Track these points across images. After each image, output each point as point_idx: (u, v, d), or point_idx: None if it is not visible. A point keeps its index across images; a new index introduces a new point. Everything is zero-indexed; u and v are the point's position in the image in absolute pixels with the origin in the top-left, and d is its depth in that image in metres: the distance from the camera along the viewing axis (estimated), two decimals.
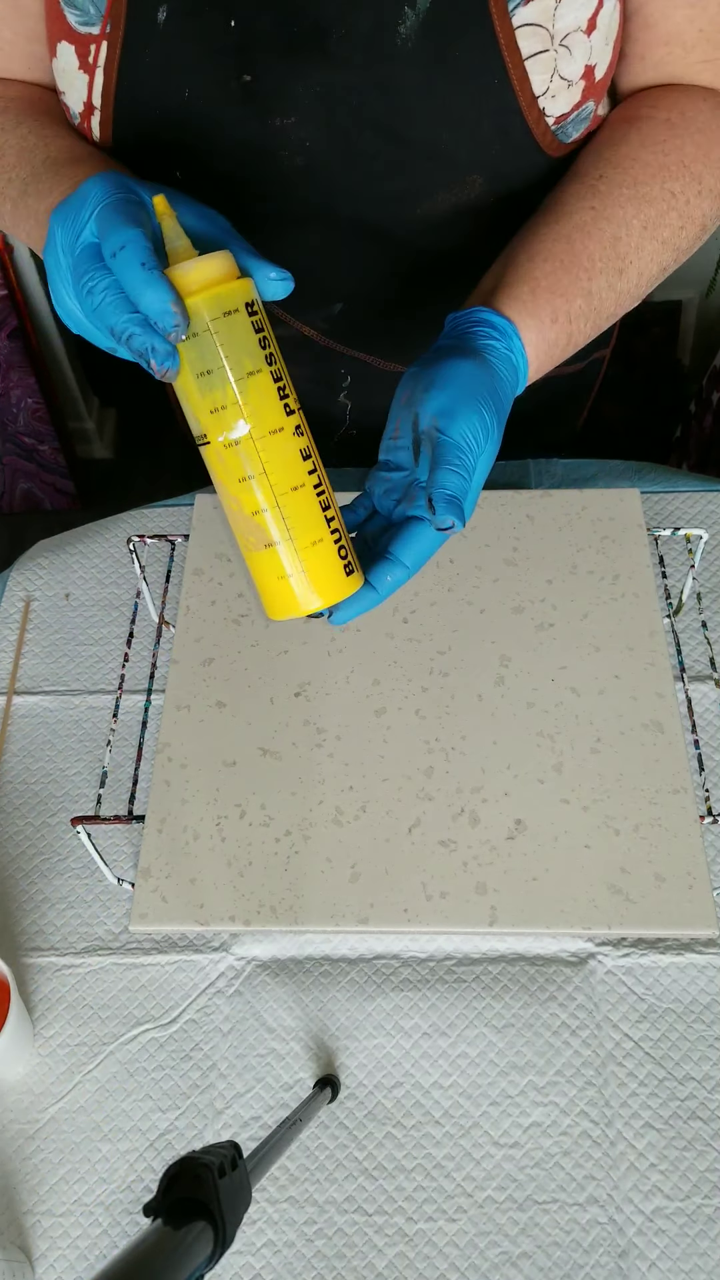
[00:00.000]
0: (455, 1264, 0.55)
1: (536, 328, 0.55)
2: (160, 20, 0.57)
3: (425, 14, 0.56)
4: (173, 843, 0.60)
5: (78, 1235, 0.57)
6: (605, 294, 0.59)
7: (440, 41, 0.56)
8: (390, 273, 0.70)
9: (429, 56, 0.57)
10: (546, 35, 0.57)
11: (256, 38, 0.57)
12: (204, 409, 0.45)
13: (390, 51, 0.57)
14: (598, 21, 0.58)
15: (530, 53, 0.57)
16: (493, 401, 0.51)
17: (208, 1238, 0.35)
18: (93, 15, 0.59)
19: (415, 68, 0.57)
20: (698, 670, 0.75)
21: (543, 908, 0.56)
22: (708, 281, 1.53)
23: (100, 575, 0.84)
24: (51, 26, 0.61)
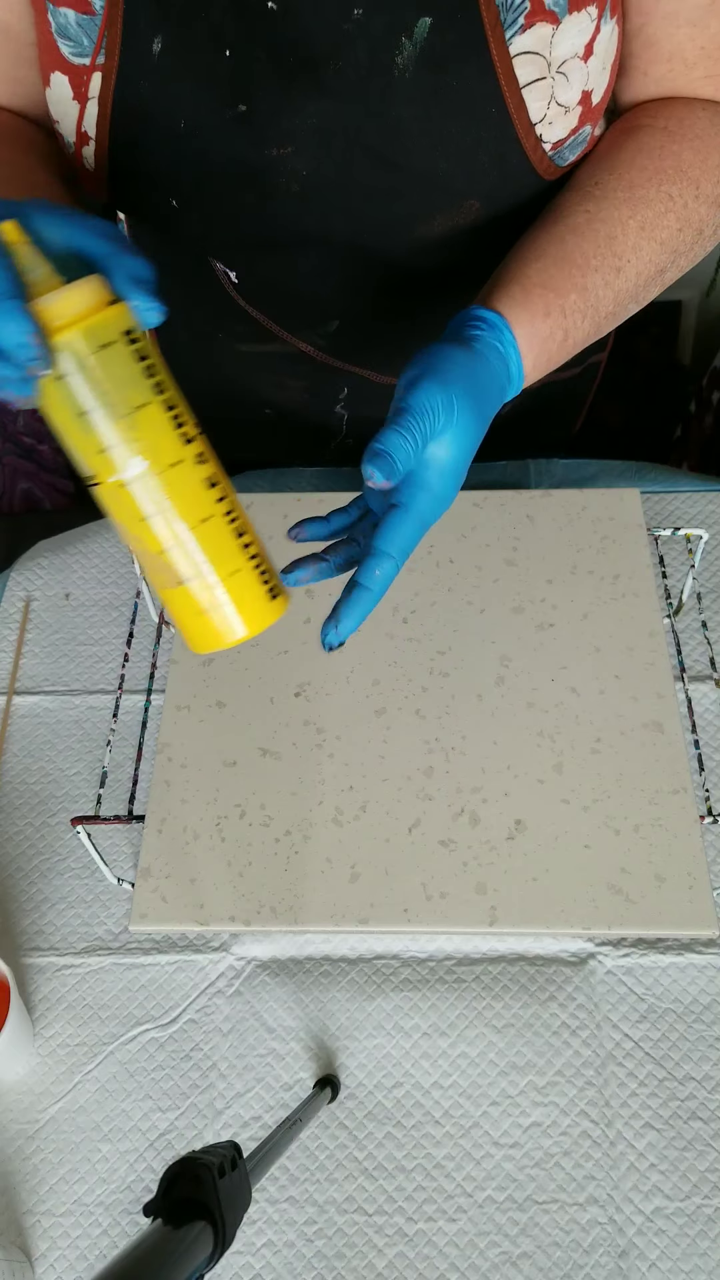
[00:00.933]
0: (455, 1264, 0.55)
1: (528, 321, 0.55)
2: (155, 51, 0.57)
3: (422, 44, 0.55)
4: (173, 843, 0.60)
5: (78, 1235, 0.57)
6: (602, 291, 0.58)
7: (437, 71, 0.56)
8: (386, 291, 0.70)
9: (426, 86, 0.57)
10: (544, 63, 0.57)
11: (252, 68, 0.57)
12: (89, 450, 0.42)
13: (387, 82, 0.57)
14: (594, 48, 0.58)
15: (527, 81, 0.57)
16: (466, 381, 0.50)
17: (208, 1238, 0.35)
18: (86, 46, 0.58)
19: (412, 98, 0.57)
20: (698, 670, 0.75)
21: (543, 908, 0.56)
22: (707, 282, 1.53)
23: (100, 575, 0.84)
24: (44, 56, 0.61)
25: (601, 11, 0.57)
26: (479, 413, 0.51)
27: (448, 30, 0.55)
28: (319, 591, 0.69)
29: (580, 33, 0.57)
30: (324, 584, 0.69)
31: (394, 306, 0.71)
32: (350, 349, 0.74)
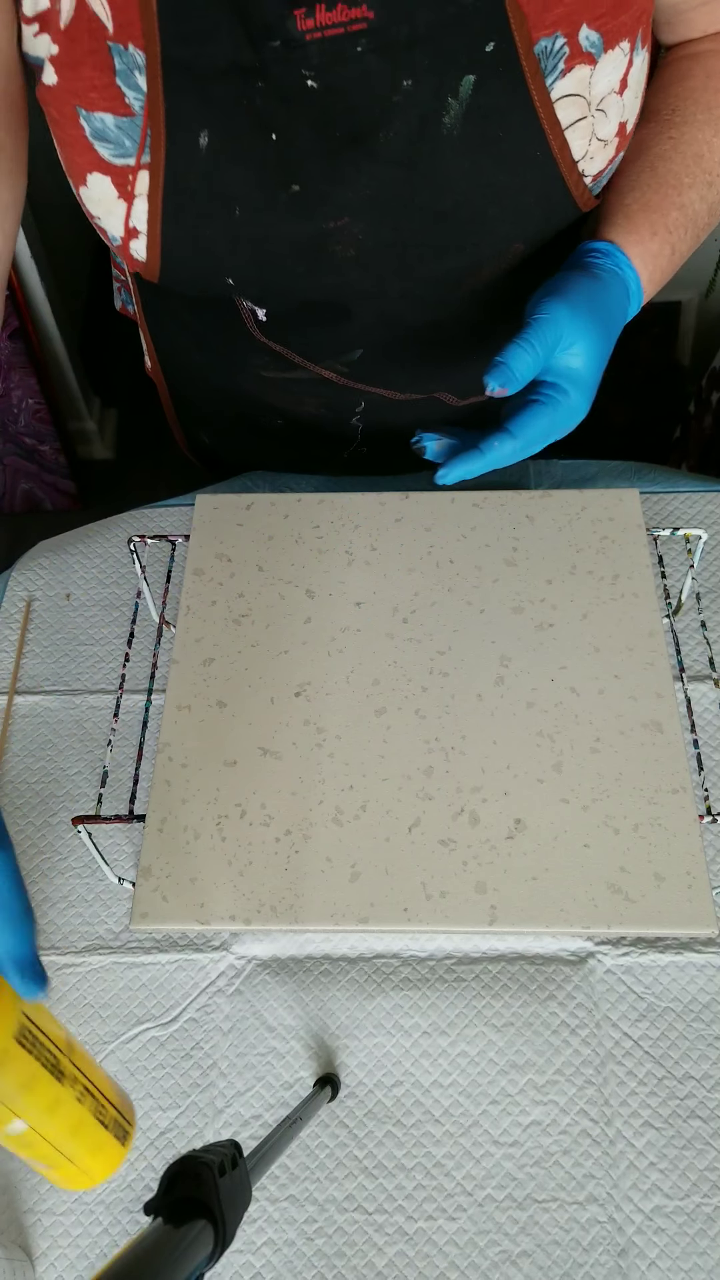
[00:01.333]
0: (455, 1262, 0.55)
1: (638, 242, 0.60)
2: (202, 145, 0.57)
3: (468, 101, 0.56)
4: (173, 842, 0.60)
5: (78, 1234, 0.57)
6: (699, 205, 0.63)
7: (484, 125, 0.57)
8: (418, 325, 0.70)
9: (474, 141, 0.57)
10: (584, 103, 0.58)
11: (299, 148, 0.57)
12: None
13: (436, 142, 0.57)
14: (629, 80, 0.59)
15: (569, 122, 0.58)
16: (588, 299, 0.56)
17: (208, 1236, 0.36)
18: (129, 147, 0.58)
19: (460, 153, 0.57)
20: (697, 670, 0.75)
21: (542, 907, 0.56)
22: (707, 282, 1.53)
23: (101, 575, 0.84)
24: (79, 159, 0.60)
25: (633, 44, 0.58)
26: (603, 327, 0.57)
27: (491, 85, 0.55)
28: (319, 592, 0.69)
29: (616, 68, 0.58)
30: (324, 584, 0.70)
31: (422, 337, 0.71)
32: (373, 374, 0.74)
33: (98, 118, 0.57)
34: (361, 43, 0.53)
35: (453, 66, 0.55)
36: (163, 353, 0.84)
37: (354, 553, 0.71)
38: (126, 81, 0.55)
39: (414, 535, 0.72)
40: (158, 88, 0.55)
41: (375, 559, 0.71)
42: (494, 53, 0.54)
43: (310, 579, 0.70)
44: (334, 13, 0.52)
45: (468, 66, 0.55)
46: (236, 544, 0.73)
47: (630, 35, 0.57)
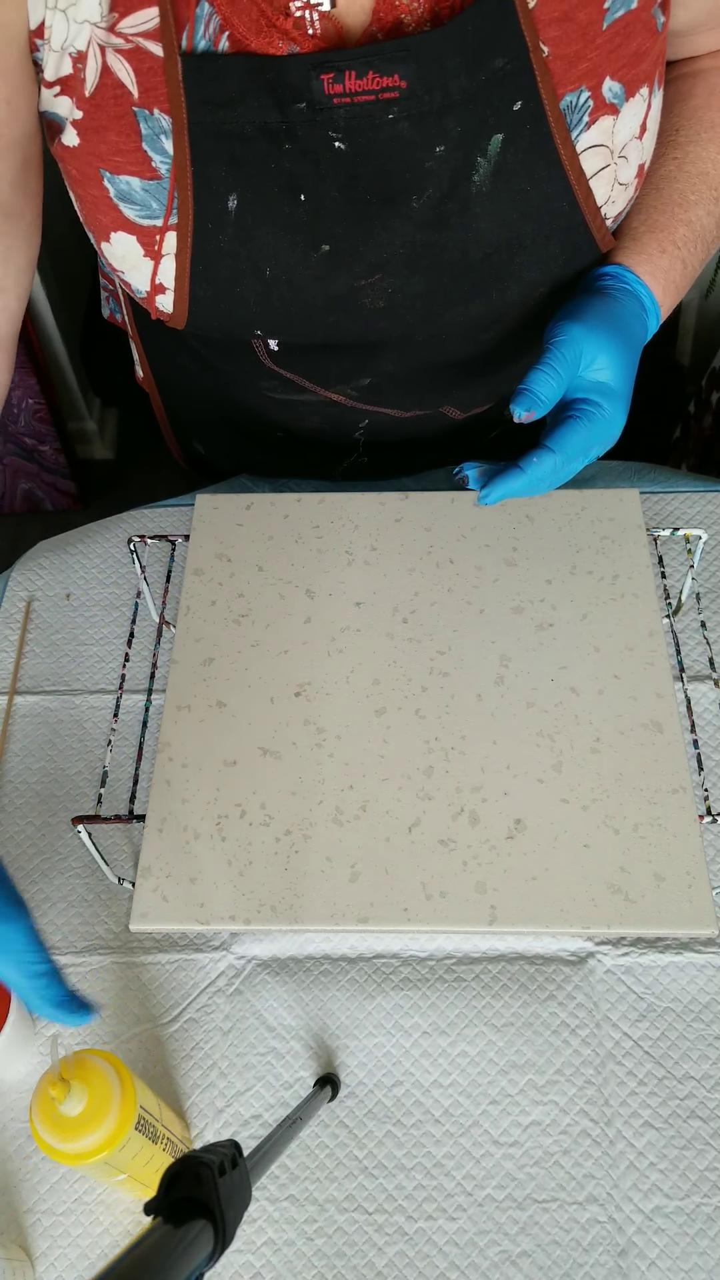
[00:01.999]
0: (455, 1262, 0.55)
1: (646, 260, 0.61)
2: (232, 208, 0.57)
3: (496, 159, 0.56)
4: (173, 842, 0.60)
5: (78, 1234, 0.57)
6: (706, 220, 0.64)
7: (511, 180, 0.57)
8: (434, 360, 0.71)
9: (502, 197, 0.57)
10: (608, 152, 0.58)
11: (329, 210, 0.57)
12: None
13: (466, 200, 0.57)
14: (648, 124, 0.59)
15: (594, 171, 0.58)
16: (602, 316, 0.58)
17: (208, 1236, 0.35)
18: (155, 209, 0.57)
19: (490, 209, 0.58)
20: (697, 670, 0.75)
21: (542, 907, 0.57)
22: (707, 282, 1.53)
23: (101, 575, 0.84)
24: (102, 217, 0.59)
25: (651, 88, 0.58)
26: (623, 339, 0.58)
27: (519, 142, 0.56)
28: (319, 592, 0.69)
29: (636, 115, 0.58)
30: (324, 585, 0.70)
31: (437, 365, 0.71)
32: (381, 397, 0.74)
33: (123, 180, 0.57)
34: (393, 110, 0.53)
35: (482, 128, 0.55)
36: (156, 365, 0.84)
37: (354, 553, 0.72)
38: (153, 146, 0.55)
39: (414, 535, 0.72)
40: (184, 153, 0.55)
41: (375, 559, 0.71)
42: (521, 111, 0.55)
43: (310, 579, 0.70)
44: (364, 80, 0.52)
45: (496, 126, 0.55)
46: (236, 544, 0.73)
47: (649, 81, 0.57)
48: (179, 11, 0.52)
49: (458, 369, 0.72)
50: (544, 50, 0.53)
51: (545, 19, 0.53)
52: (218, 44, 0.53)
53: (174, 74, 0.53)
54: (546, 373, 0.56)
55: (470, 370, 0.72)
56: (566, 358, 0.56)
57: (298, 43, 0.53)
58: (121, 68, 0.53)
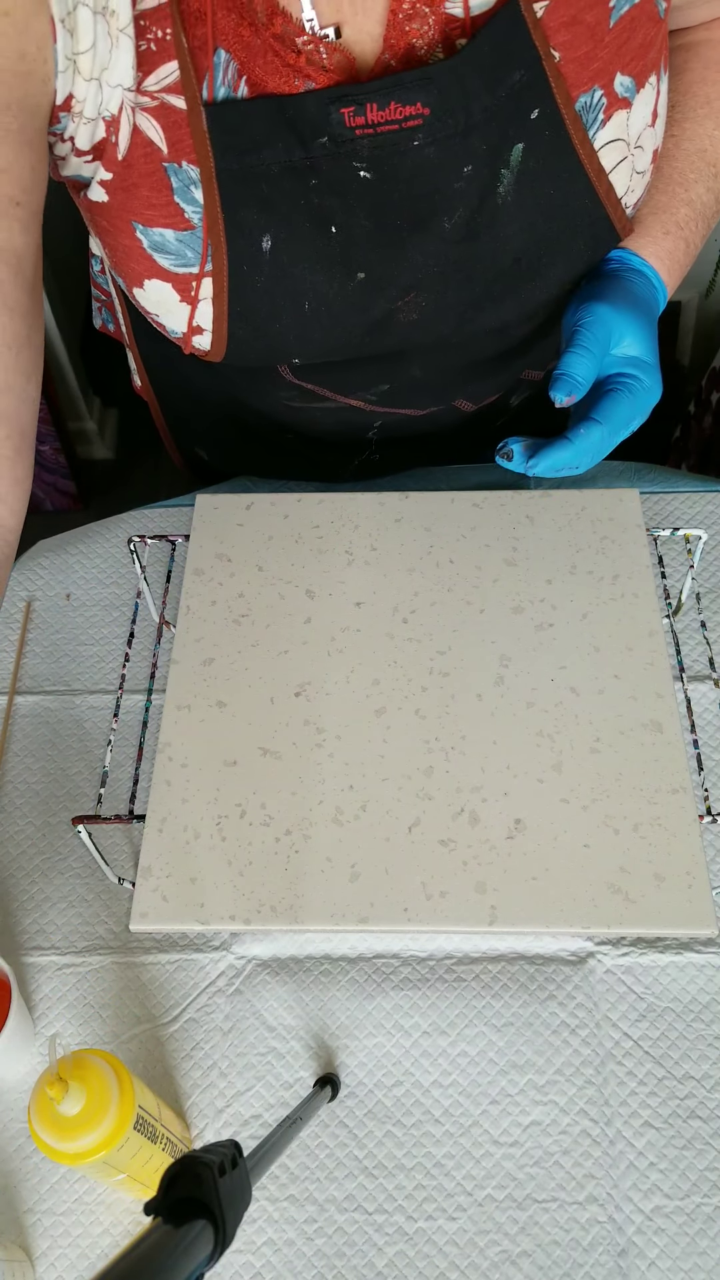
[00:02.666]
0: (455, 1262, 0.55)
1: (650, 243, 0.63)
2: (265, 249, 0.57)
3: (518, 168, 0.56)
4: (173, 842, 0.60)
5: (79, 1234, 0.57)
6: (706, 198, 0.65)
7: (534, 186, 0.57)
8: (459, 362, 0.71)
9: (527, 203, 0.57)
10: (624, 145, 0.58)
11: (359, 237, 0.57)
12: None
13: (494, 213, 0.57)
14: (658, 109, 0.59)
15: (612, 165, 0.58)
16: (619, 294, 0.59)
17: (208, 1236, 0.35)
18: (190, 258, 0.57)
19: (515, 217, 0.58)
20: (697, 670, 0.75)
21: (542, 907, 0.56)
22: (707, 282, 1.53)
23: (101, 575, 0.84)
24: (135, 265, 0.59)
25: (659, 75, 0.58)
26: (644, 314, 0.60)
27: (539, 149, 0.56)
28: (319, 592, 0.69)
29: (647, 104, 0.58)
30: (324, 585, 0.70)
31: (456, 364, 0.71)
32: (398, 399, 0.74)
33: (156, 233, 0.57)
34: (418, 137, 0.53)
35: (504, 141, 0.55)
36: (155, 374, 0.84)
37: (354, 553, 0.71)
38: (184, 197, 0.55)
39: (414, 535, 0.72)
40: (215, 200, 0.55)
41: (375, 559, 0.71)
42: (539, 119, 0.55)
43: (310, 579, 0.70)
44: (386, 111, 0.52)
45: (516, 136, 0.55)
46: (236, 544, 0.73)
47: (656, 68, 0.57)
48: (198, 62, 0.52)
49: (475, 365, 0.72)
50: (555, 56, 0.53)
51: (554, 25, 0.53)
52: (237, 89, 0.53)
53: (199, 125, 0.53)
54: (580, 354, 0.57)
55: (486, 365, 0.72)
56: (597, 337, 0.58)
57: (313, 79, 0.52)
58: (150, 125, 0.53)
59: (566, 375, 0.57)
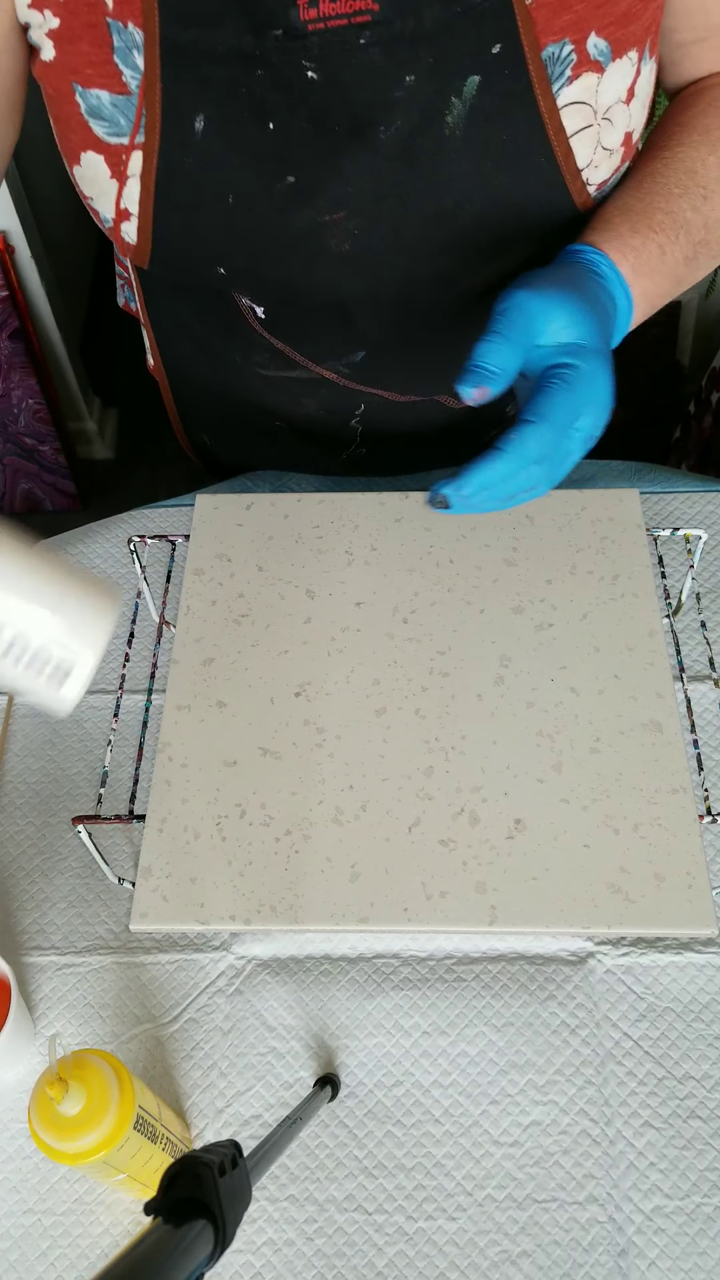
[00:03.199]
0: (455, 1262, 0.55)
1: (615, 238, 0.56)
2: (198, 129, 0.56)
3: (471, 102, 0.55)
4: (173, 842, 0.60)
5: (78, 1234, 0.57)
6: (690, 214, 0.59)
7: (487, 127, 0.56)
8: (419, 328, 0.70)
9: (476, 142, 0.57)
10: (590, 111, 0.57)
11: (296, 139, 0.56)
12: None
13: (438, 141, 0.56)
14: (636, 90, 0.58)
15: (575, 130, 0.57)
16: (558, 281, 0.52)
17: (208, 1236, 0.35)
18: (123, 126, 0.57)
19: (463, 154, 0.57)
20: (697, 670, 0.75)
21: (542, 907, 0.56)
22: (707, 282, 1.53)
23: (101, 575, 0.84)
24: (73, 136, 0.60)
25: (641, 54, 0.57)
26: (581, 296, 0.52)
27: (496, 87, 0.55)
28: (319, 592, 0.69)
29: (623, 77, 0.57)
30: (324, 585, 0.70)
31: (422, 340, 0.71)
32: (373, 375, 0.74)
33: (93, 94, 0.57)
34: (365, 35, 0.53)
35: (458, 66, 0.54)
36: (165, 351, 0.84)
37: (354, 553, 0.72)
38: (124, 60, 0.55)
39: (414, 535, 0.72)
40: (155, 68, 0.55)
41: (375, 559, 0.71)
42: (500, 55, 0.54)
43: (310, 579, 0.70)
44: (338, 3, 0.52)
45: (472, 67, 0.54)
46: (236, 544, 0.73)
47: (639, 45, 0.57)
48: None
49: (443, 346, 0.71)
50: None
51: None
52: None
53: None
54: (493, 341, 0.50)
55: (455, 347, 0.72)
56: (515, 323, 0.51)
57: None
58: None
59: (475, 365, 0.49)
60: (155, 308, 0.80)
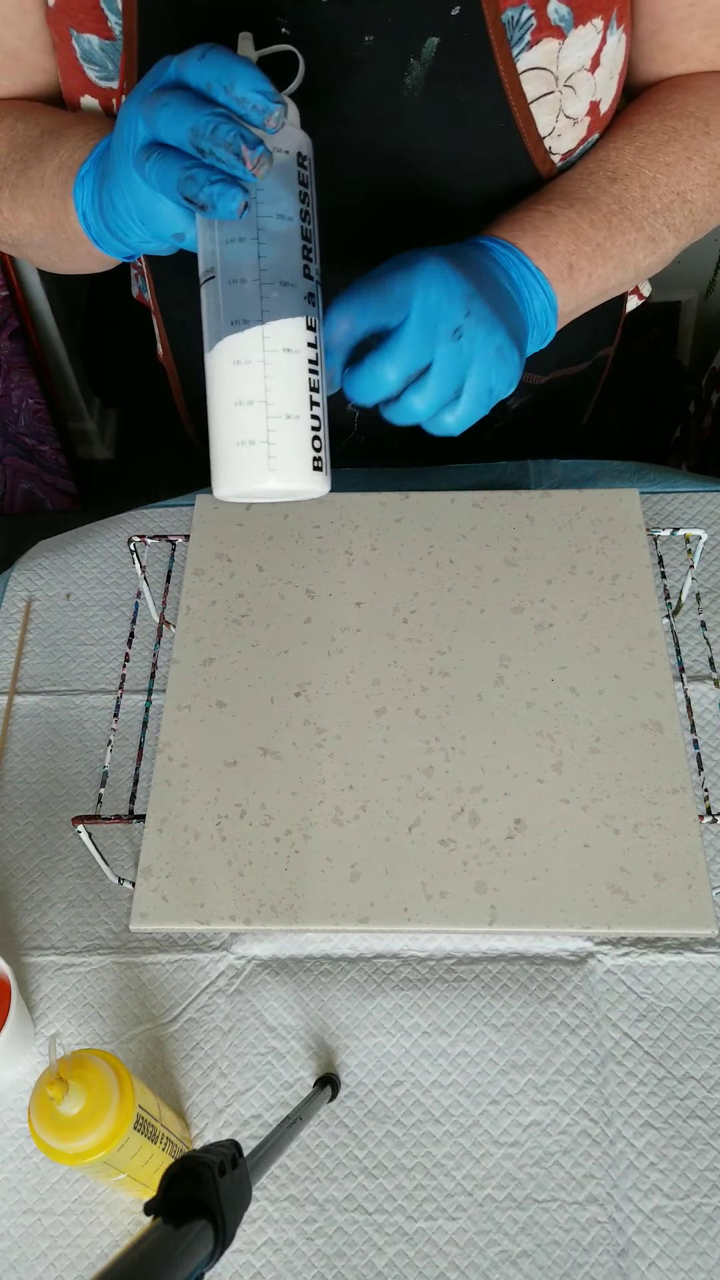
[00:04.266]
0: (455, 1262, 0.55)
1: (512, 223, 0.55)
2: None
3: (430, 64, 0.55)
4: (173, 842, 0.60)
5: (78, 1234, 0.57)
6: (596, 194, 0.57)
7: (446, 90, 0.56)
8: None
9: (435, 105, 0.57)
10: (551, 77, 0.57)
11: None
12: None
13: (397, 104, 0.56)
14: (601, 59, 0.58)
15: (535, 96, 0.57)
16: (429, 252, 0.48)
17: (208, 1236, 0.35)
18: (111, 70, 0.59)
19: (422, 118, 0.57)
20: (697, 670, 0.75)
21: (542, 907, 0.56)
22: (707, 282, 1.53)
23: (101, 575, 0.84)
24: (71, 80, 0.61)
25: (607, 22, 0.57)
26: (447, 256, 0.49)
27: (455, 49, 0.55)
28: (319, 592, 0.69)
29: (587, 45, 0.57)
30: (324, 585, 0.70)
31: None
32: None
33: (85, 39, 0.58)
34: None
35: (417, 26, 0.54)
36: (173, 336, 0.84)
37: (354, 553, 0.71)
38: (109, 5, 0.56)
39: (414, 535, 0.72)
40: (133, 18, 0.56)
41: (375, 559, 0.71)
42: (460, 17, 0.54)
43: (310, 579, 0.70)
44: None
45: (432, 28, 0.54)
46: (236, 544, 0.73)
47: (604, 13, 0.56)
48: None
49: None
50: None
51: None
52: None
53: None
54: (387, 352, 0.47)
55: None
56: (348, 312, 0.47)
57: None
58: None
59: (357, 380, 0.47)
60: (165, 297, 0.80)
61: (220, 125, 0.40)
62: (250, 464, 0.44)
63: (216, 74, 0.40)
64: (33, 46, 0.62)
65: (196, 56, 0.41)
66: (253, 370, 0.44)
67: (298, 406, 0.45)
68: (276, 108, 0.40)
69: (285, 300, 0.44)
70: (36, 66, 0.63)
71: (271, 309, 0.43)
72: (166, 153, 0.42)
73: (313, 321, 0.45)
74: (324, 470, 0.46)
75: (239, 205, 0.40)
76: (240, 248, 0.43)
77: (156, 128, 0.42)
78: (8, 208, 0.60)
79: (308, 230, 0.45)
